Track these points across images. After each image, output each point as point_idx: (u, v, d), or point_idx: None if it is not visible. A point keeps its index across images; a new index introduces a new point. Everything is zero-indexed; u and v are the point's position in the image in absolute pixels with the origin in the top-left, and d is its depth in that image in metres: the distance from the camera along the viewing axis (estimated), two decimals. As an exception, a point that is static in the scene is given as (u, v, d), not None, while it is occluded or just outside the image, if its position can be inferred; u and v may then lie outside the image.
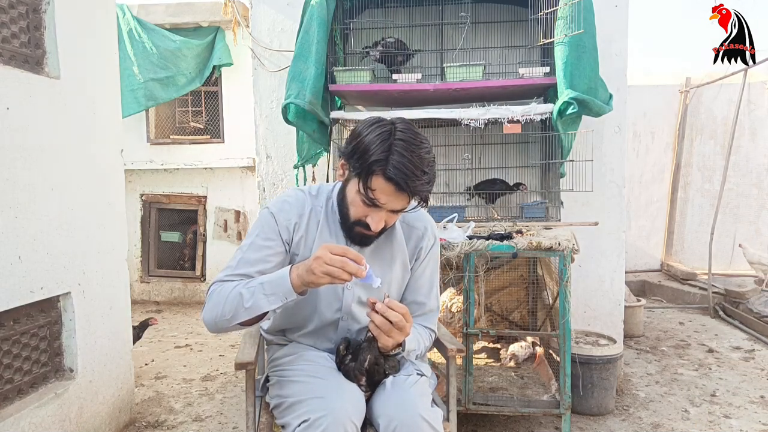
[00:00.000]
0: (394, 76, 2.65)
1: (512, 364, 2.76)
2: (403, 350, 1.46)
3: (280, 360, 1.59)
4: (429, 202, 1.44)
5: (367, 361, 1.41)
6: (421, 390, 1.45)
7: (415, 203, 1.38)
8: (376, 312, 1.32)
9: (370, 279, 1.30)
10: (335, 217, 1.50)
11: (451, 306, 2.78)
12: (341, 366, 1.46)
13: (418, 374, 1.50)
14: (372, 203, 1.34)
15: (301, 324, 1.58)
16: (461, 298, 2.49)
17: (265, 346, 1.77)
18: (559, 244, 2.25)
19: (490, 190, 2.83)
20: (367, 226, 1.40)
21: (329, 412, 1.29)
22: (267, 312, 1.34)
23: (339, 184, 1.50)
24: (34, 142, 2.14)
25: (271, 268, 1.44)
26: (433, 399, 1.54)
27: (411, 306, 1.58)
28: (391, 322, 1.32)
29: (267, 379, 1.65)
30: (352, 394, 1.38)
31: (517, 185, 2.83)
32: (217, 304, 1.37)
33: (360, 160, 1.32)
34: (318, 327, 1.57)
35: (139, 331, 3.37)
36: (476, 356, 2.89)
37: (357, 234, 1.45)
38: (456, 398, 1.74)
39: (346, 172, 1.41)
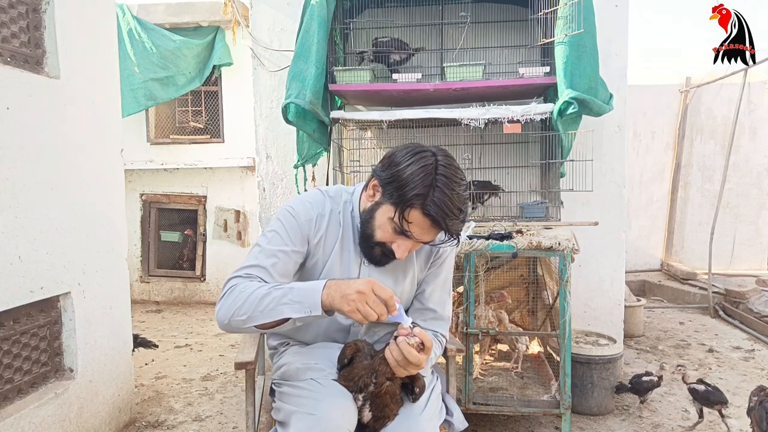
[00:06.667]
0: (394, 76, 2.65)
1: (514, 365, 2.76)
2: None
3: (279, 371, 1.55)
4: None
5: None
6: (430, 413, 1.42)
7: (445, 237, 1.36)
8: (397, 345, 1.28)
9: (402, 318, 1.28)
10: (354, 230, 1.48)
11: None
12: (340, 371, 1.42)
13: (429, 390, 1.47)
14: (404, 234, 1.34)
15: (305, 328, 1.53)
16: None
17: (269, 351, 1.74)
18: (559, 243, 2.25)
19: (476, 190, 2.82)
20: (391, 252, 1.39)
21: (319, 428, 1.27)
22: (287, 320, 1.27)
23: (358, 188, 1.50)
24: (34, 142, 2.14)
25: (286, 265, 1.41)
26: (444, 401, 1.53)
27: (423, 312, 1.57)
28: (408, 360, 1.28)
29: (272, 390, 1.60)
30: (343, 408, 1.33)
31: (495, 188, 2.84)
32: (235, 300, 1.30)
33: (399, 190, 1.31)
34: (327, 332, 1.54)
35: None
36: (491, 362, 2.88)
37: (376, 255, 1.43)
38: (456, 398, 1.74)
39: (378, 195, 1.38)
